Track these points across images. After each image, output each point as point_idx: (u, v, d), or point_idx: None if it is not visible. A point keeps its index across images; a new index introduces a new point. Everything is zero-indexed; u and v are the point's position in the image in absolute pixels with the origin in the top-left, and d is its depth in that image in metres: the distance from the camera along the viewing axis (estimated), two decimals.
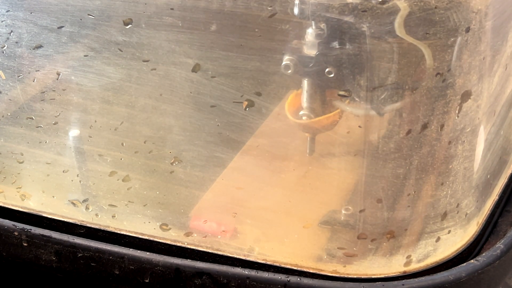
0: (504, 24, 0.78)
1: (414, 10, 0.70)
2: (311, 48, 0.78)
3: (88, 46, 0.85)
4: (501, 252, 0.76)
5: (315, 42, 0.78)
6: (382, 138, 0.76)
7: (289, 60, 0.79)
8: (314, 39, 0.78)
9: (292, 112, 0.84)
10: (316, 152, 0.84)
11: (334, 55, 0.76)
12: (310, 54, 0.78)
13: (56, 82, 0.88)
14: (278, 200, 0.85)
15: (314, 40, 0.78)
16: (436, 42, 0.71)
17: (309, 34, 0.78)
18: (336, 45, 0.76)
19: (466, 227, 0.81)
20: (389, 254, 0.79)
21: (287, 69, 0.80)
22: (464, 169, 0.78)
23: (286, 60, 0.79)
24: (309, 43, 0.78)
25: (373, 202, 0.78)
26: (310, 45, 0.78)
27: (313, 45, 0.78)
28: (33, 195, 0.92)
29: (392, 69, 0.73)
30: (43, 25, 0.86)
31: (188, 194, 0.87)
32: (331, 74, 0.77)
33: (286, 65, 0.80)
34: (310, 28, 0.77)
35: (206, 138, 0.85)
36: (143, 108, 0.87)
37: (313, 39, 0.78)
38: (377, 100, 0.76)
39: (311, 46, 0.78)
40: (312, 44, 0.78)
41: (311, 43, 0.78)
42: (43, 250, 0.82)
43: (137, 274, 0.79)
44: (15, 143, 0.93)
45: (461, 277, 0.73)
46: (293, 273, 0.78)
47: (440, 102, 0.74)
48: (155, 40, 0.82)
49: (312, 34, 0.78)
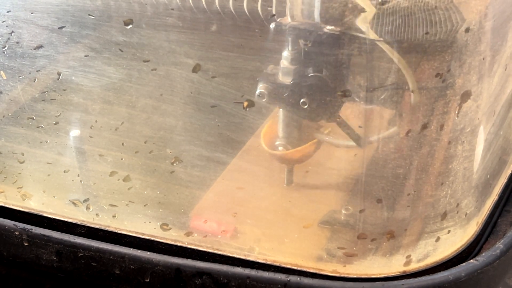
0: (504, 24, 0.78)
1: (414, 10, 0.70)
2: (286, 75, 0.72)
3: (89, 47, 0.85)
4: (501, 252, 0.76)
5: (290, 69, 0.72)
6: (382, 138, 0.76)
7: (264, 88, 0.74)
8: (289, 64, 0.71)
9: (268, 142, 0.80)
10: (316, 152, 0.83)
11: (309, 84, 0.70)
12: (285, 81, 0.72)
13: (56, 82, 0.88)
14: (278, 200, 0.86)
15: (289, 65, 0.71)
16: (436, 42, 0.72)
17: (284, 59, 0.72)
18: (311, 72, 0.70)
19: (466, 227, 0.81)
20: (389, 254, 0.79)
21: (261, 98, 0.74)
22: (463, 169, 0.78)
23: (261, 87, 0.74)
24: (284, 70, 0.72)
25: (373, 202, 0.78)
26: (285, 72, 0.72)
27: (288, 71, 0.72)
28: (34, 195, 0.92)
29: (388, 75, 0.72)
30: (44, 25, 0.86)
31: (189, 194, 0.88)
32: (306, 105, 0.71)
33: (261, 93, 0.74)
34: (285, 52, 0.72)
35: (206, 138, 0.85)
36: (144, 108, 0.87)
37: (288, 64, 0.71)
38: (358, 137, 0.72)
39: (286, 72, 0.72)
40: (287, 71, 0.72)
41: (286, 69, 0.72)
42: (44, 250, 0.82)
43: (137, 273, 0.79)
44: (16, 143, 0.93)
45: (461, 276, 0.73)
46: (293, 273, 0.78)
47: (440, 102, 0.74)
48: (155, 41, 0.82)
49: (287, 58, 0.72)
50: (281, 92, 0.74)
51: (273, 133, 0.80)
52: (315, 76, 0.71)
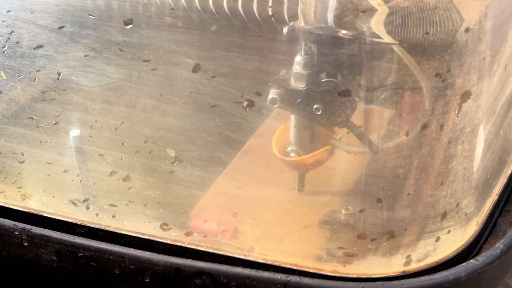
0: (504, 24, 0.78)
1: (414, 10, 0.70)
2: (299, 80, 0.71)
3: (89, 46, 0.85)
4: (501, 251, 0.76)
5: (303, 74, 0.71)
6: (382, 138, 0.76)
7: (276, 94, 0.73)
8: (302, 69, 0.70)
9: (279, 147, 0.79)
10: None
11: (322, 90, 0.69)
12: (298, 87, 0.71)
13: (56, 82, 0.88)
14: (278, 200, 0.86)
15: (302, 71, 0.70)
16: (436, 42, 0.72)
17: (296, 64, 0.71)
18: (325, 77, 0.68)
19: (466, 227, 0.81)
20: (389, 253, 0.79)
21: (273, 103, 0.73)
22: (463, 169, 0.78)
23: (273, 93, 0.73)
24: (297, 75, 0.71)
25: (373, 202, 0.78)
26: (298, 77, 0.71)
27: (301, 77, 0.71)
28: (34, 194, 0.92)
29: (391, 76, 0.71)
30: (44, 25, 0.86)
31: (188, 194, 0.88)
32: (319, 111, 0.70)
33: (273, 99, 0.73)
34: (298, 56, 0.70)
35: (206, 138, 0.85)
36: (144, 108, 0.87)
37: (301, 69, 0.70)
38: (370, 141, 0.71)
39: (299, 78, 0.71)
40: (300, 76, 0.71)
41: (299, 75, 0.71)
42: (43, 250, 0.82)
43: (137, 273, 0.79)
44: (16, 143, 0.93)
45: (461, 276, 0.73)
46: (293, 273, 0.78)
47: (440, 102, 0.74)
48: (155, 40, 0.82)
49: (300, 64, 0.71)
50: (294, 98, 0.73)
51: (285, 139, 0.79)
52: (329, 82, 0.70)
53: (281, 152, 0.80)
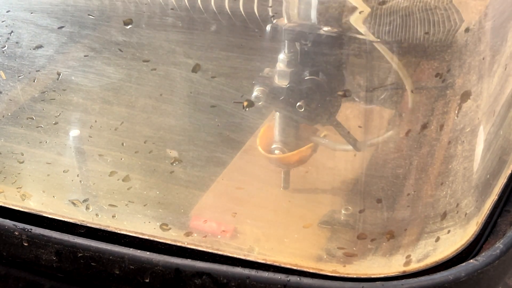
0: (504, 24, 0.78)
1: (414, 10, 0.70)
2: (283, 77, 0.72)
3: (89, 46, 0.85)
4: (501, 252, 0.76)
5: (287, 72, 0.71)
6: (379, 141, 0.76)
7: (260, 91, 0.74)
8: (285, 67, 0.71)
9: (264, 145, 0.79)
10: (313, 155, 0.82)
11: (305, 87, 0.70)
12: (281, 84, 0.72)
13: (56, 82, 0.88)
14: (278, 200, 0.86)
15: (285, 68, 0.71)
16: (436, 42, 0.72)
17: (280, 61, 0.72)
18: (308, 74, 0.69)
19: (466, 227, 0.81)
20: (389, 254, 0.79)
21: (257, 101, 0.74)
22: (463, 169, 0.78)
23: (257, 90, 0.74)
24: (280, 73, 0.72)
25: (372, 202, 0.78)
26: (282, 75, 0.72)
27: (285, 74, 0.72)
28: (34, 195, 0.92)
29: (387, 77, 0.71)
30: (44, 25, 0.86)
31: (188, 194, 0.87)
32: (302, 109, 0.71)
33: (257, 96, 0.74)
34: (282, 54, 0.71)
35: (206, 138, 0.85)
36: (143, 108, 0.87)
37: (284, 67, 0.71)
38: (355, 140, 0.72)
39: (282, 75, 0.72)
40: (283, 74, 0.72)
41: (283, 72, 0.71)
42: (43, 250, 0.82)
43: (137, 274, 0.79)
44: (16, 143, 0.93)
45: (461, 276, 0.73)
46: (293, 273, 0.78)
47: (440, 102, 0.74)
48: (155, 40, 0.82)
49: (283, 61, 0.71)
50: (278, 95, 0.74)
51: (270, 136, 0.80)
52: (312, 79, 0.70)
53: (266, 150, 0.80)
